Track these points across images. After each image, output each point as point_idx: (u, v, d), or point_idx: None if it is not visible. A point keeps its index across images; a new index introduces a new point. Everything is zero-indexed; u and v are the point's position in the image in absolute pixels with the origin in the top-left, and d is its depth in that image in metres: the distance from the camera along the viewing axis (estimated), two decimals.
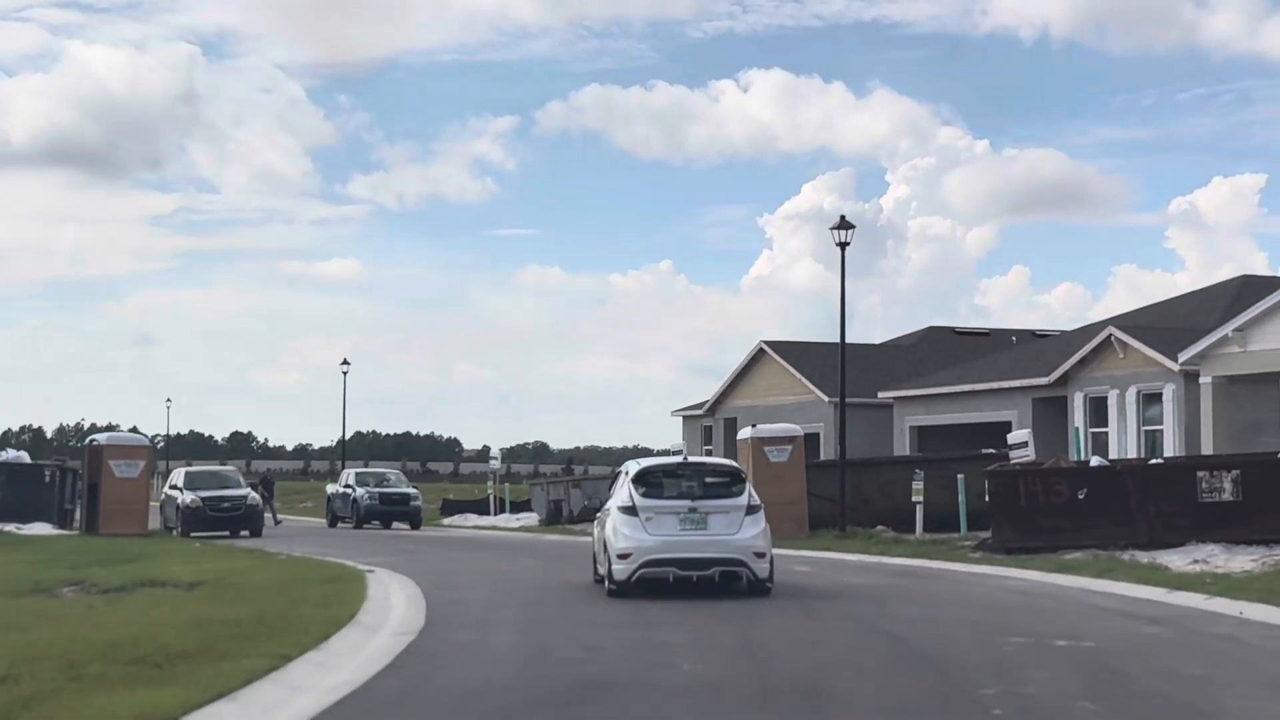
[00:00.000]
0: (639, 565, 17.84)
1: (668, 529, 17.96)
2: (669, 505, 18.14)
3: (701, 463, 20.25)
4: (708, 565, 18.02)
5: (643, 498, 18.21)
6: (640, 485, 18.44)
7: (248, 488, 42.26)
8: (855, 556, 27.94)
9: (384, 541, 36.56)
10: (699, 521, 18.05)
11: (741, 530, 18.19)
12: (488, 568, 24.73)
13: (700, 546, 17.98)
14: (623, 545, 17.96)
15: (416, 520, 48.78)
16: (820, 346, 54.14)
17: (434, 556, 28.77)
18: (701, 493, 18.44)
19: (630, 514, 18.12)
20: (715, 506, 18.22)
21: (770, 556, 18.54)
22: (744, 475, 19.49)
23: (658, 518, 18.00)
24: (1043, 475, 26.85)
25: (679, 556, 17.92)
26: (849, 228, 32.61)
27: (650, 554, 17.85)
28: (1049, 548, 26.03)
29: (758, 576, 18.23)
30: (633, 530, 17.99)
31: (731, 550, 18.05)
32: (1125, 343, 38.11)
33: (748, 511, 18.39)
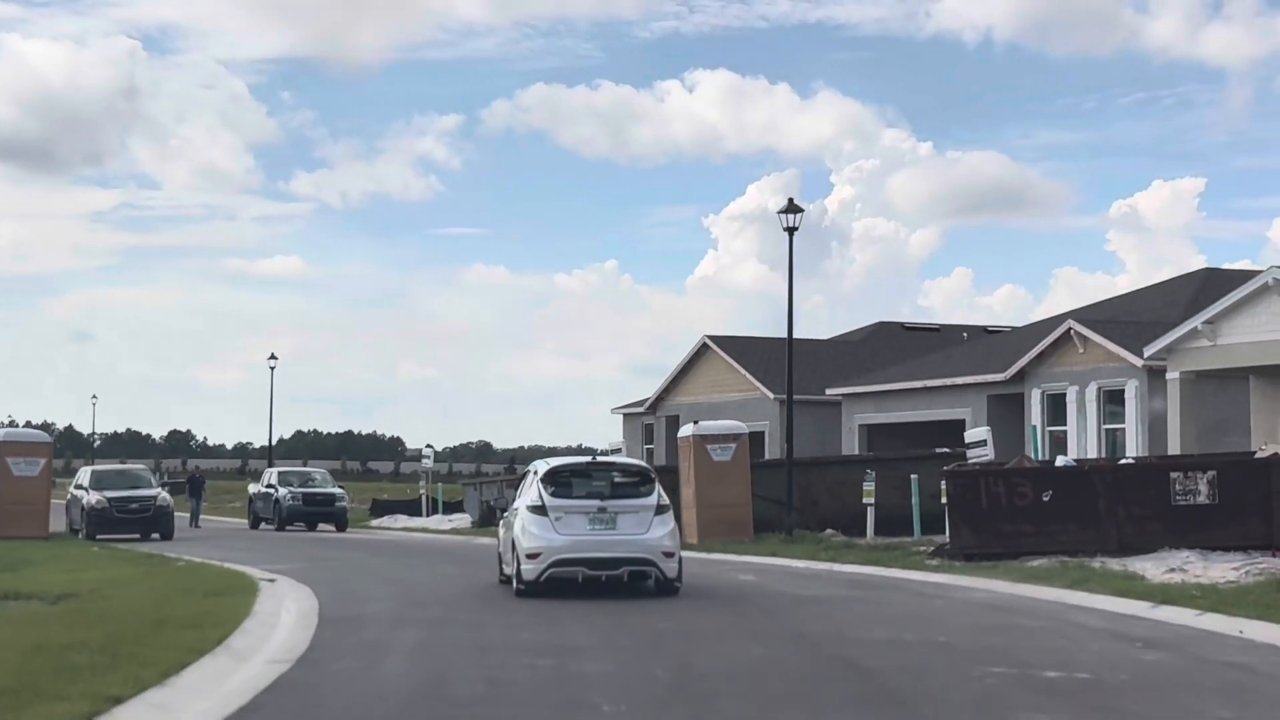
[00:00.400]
0: (548, 565, 17.80)
1: (577, 529, 17.97)
2: (578, 505, 18.15)
3: (611, 462, 19.78)
4: (617, 565, 18.03)
5: (552, 497, 18.16)
6: (549, 485, 18.34)
7: (159, 488, 39.81)
8: (803, 563, 25.95)
9: (301, 545, 34.24)
10: (608, 521, 18.05)
11: (651, 530, 18.16)
12: (400, 576, 22.52)
13: (610, 546, 17.97)
14: (532, 545, 17.90)
15: (342, 522, 46.46)
16: (765, 342, 52.18)
17: (348, 563, 26.53)
18: (611, 492, 18.41)
19: (539, 513, 18.03)
20: (625, 506, 18.21)
21: (679, 556, 18.59)
22: (653, 475, 19.34)
23: (567, 517, 17.99)
24: (1005, 476, 24.92)
25: (588, 556, 17.91)
26: (797, 211, 30.62)
27: (560, 554, 17.81)
28: (1011, 554, 24.14)
29: (666, 576, 18.21)
30: (542, 530, 17.93)
31: (641, 550, 18.04)
32: (1086, 337, 36.32)
33: (657, 511, 18.35)
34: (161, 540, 36.18)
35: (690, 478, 31.79)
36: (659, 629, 14.56)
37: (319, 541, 36.84)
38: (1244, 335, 29.16)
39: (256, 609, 16.06)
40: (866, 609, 16.99)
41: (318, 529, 46.64)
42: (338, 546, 33.61)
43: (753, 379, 49.23)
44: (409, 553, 30.73)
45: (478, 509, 46.91)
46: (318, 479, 48.84)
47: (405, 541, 37.43)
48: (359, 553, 30.39)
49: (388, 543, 37.12)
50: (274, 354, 63.59)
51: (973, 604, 17.65)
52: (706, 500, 31.45)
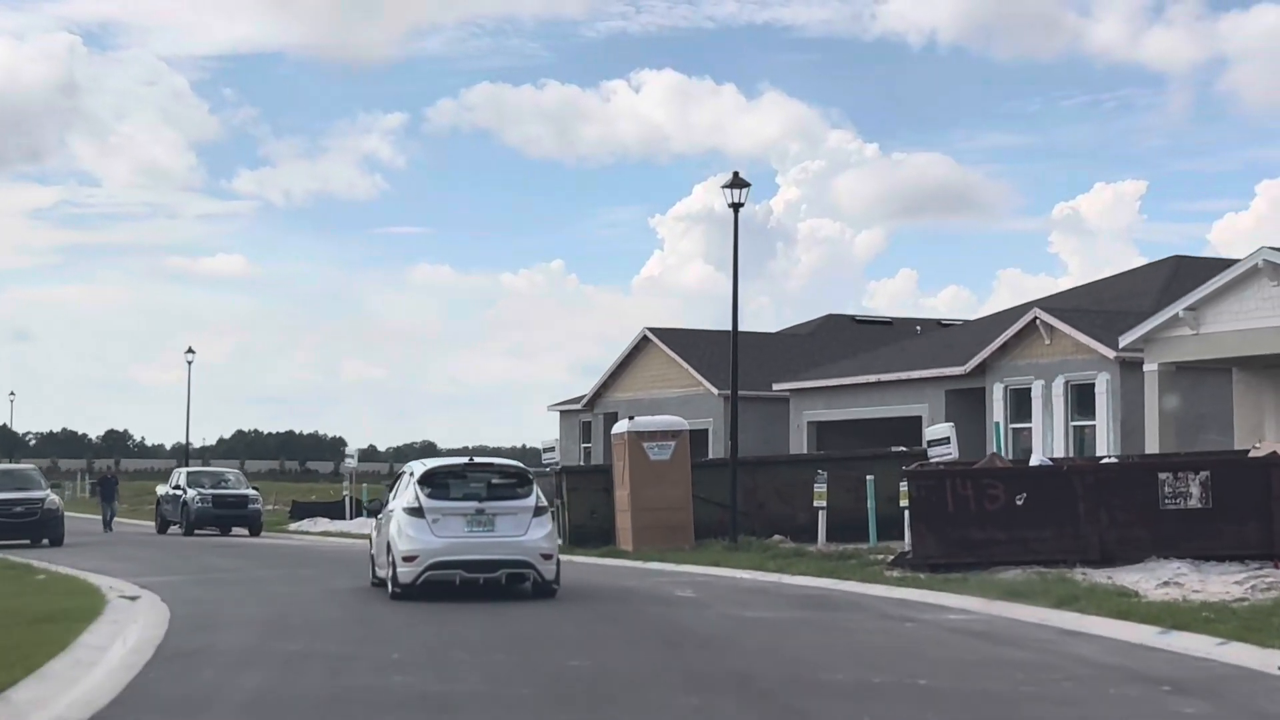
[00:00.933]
0: (425, 568, 17.56)
1: (454, 531, 17.78)
2: (456, 506, 17.95)
3: (489, 463, 19.45)
4: (495, 567, 17.82)
5: (429, 499, 17.92)
6: (426, 486, 18.10)
7: (49, 490, 36.63)
8: (749, 574, 23.20)
9: (198, 553, 31.18)
10: (486, 523, 17.90)
11: (529, 532, 18.01)
12: (284, 591, 19.52)
13: (488, 548, 17.80)
14: (408, 547, 17.63)
15: (256, 526, 43.34)
16: (709, 334, 49.46)
17: (237, 574, 23.55)
18: (489, 494, 18.21)
19: (416, 515, 17.79)
20: (503, 508, 18.02)
21: (557, 558, 18.49)
22: (531, 476, 19.12)
23: (444, 519, 17.80)
24: (974, 477, 22.26)
25: (466, 559, 17.71)
26: (743, 186, 27.86)
27: (437, 556, 17.60)
28: (981, 564, 21.49)
29: (544, 578, 18.10)
30: (419, 532, 17.69)
31: (519, 552, 17.87)
32: (1053, 327, 33.76)
33: (535, 513, 18.20)
34: (51, 546, 33.20)
35: (625, 479, 28.99)
36: (571, 671, 11.73)
37: (220, 548, 33.75)
38: (1230, 323, 26.65)
39: (83, 640, 13.14)
40: (824, 637, 14.21)
41: (231, 533, 43.64)
42: (238, 554, 30.56)
43: (695, 373, 46.47)
44: (310, 561, 27.72)
45: None
46: (231, 480, 45.68)
47: (315, 548, 34.38)
48: (256, 562, 27.37)
49: (295, 549, 34.09)
50: (191, 348, 60.16)
51: (948, 629, 14.92)
52: (643, 503, 28.66)
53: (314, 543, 38.43)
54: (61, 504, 36.39)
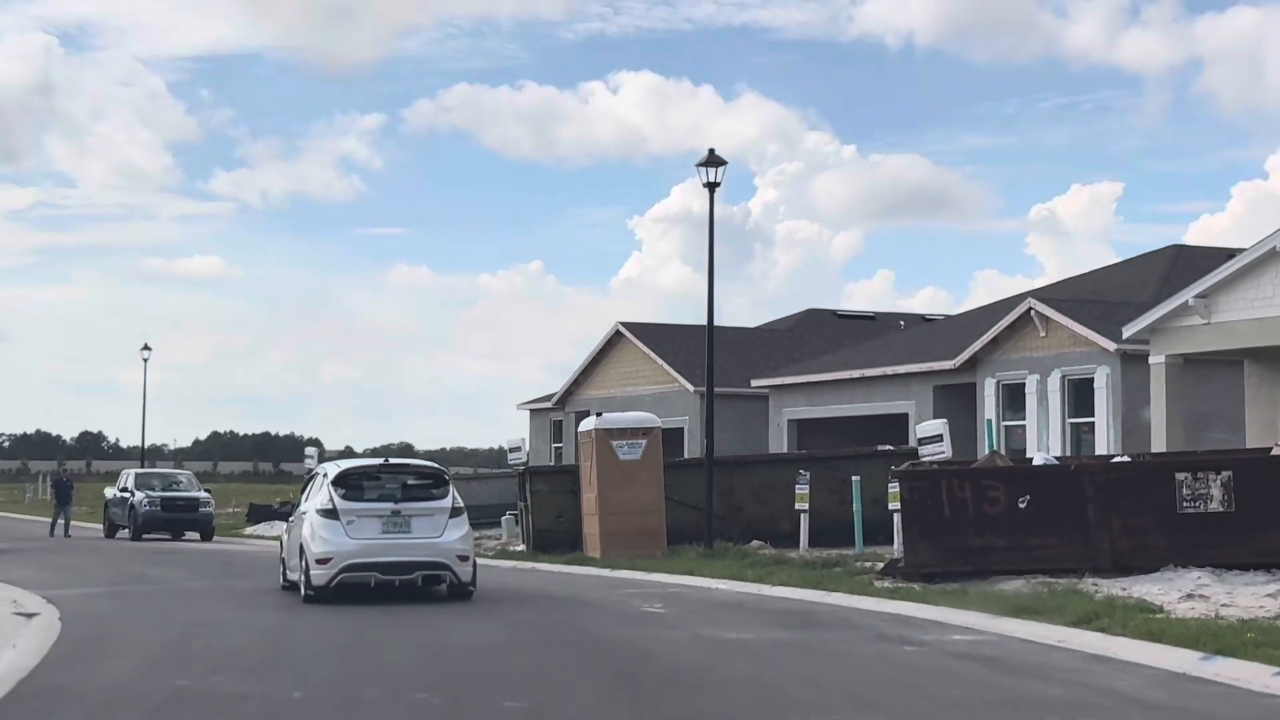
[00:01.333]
0: (339, 570, 17.34)
1: (369, 532, 17.58)
2: (371, 508, 17.76)
3: (404, 464, 19.40)
4: (411, 569, 17.66)
5: (343, 500, 17.71)
6: (340, 487, 17.85)
7: None
8: (726, 584, 21.17)
9: (134, 559, 29.00)
10: (402, 524, 17.75)
11: (445, 533, 17.90)
12: (200, 608, 17.29)
13: (404, 550, 17.65)
14: (322, 549, 17.41)
15: (207, 530, 41.19)
16: (684, 329, 47.36)
17: (163, 586, 21.42)
18: (404, 495, 18.05)
19: (330, 517, 17.57)
20: (418, 509, 17.88)
21: (473, 560, 18.38)
22: (448, 477, 19.00)
23: (359, 520, 17.61)
24: (973, 477, 20.26)
25: (382, 560, 17.53)
26: (719, 164, 25.79)
27: (351, 558, 17.40)
28: (980, 573, 19.56)
29: (460, 580, 18.00)
30: (333, 534, 17.47)
31: (435, 554, 17.74)
32: (1048, 318, 31.76)
33: (451, 514, 18.09)
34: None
35: (592, 480, 26.90)
36: (506, 717, 9.65)
37: (161, 555, 31.55)
38: (1245, 311, 24.68)
39: None
40: (813, 666, 12.14)
41: (184, 537, 41.45)
42: (176, 561, 28.38)
43: (670, 369, 44.39)
44: (247, 569, 25.51)
45: None
46: (182, 482, 43.47)
47: (261, 554, 32.12)
48: (190, 571, 25.22)
49: (239, 556, 31.93)
50: (148, 345, 57.77)
51: (955, 654, 12.87)
52: (611, 506, 26.58)
53: (264, 548, 36.24)
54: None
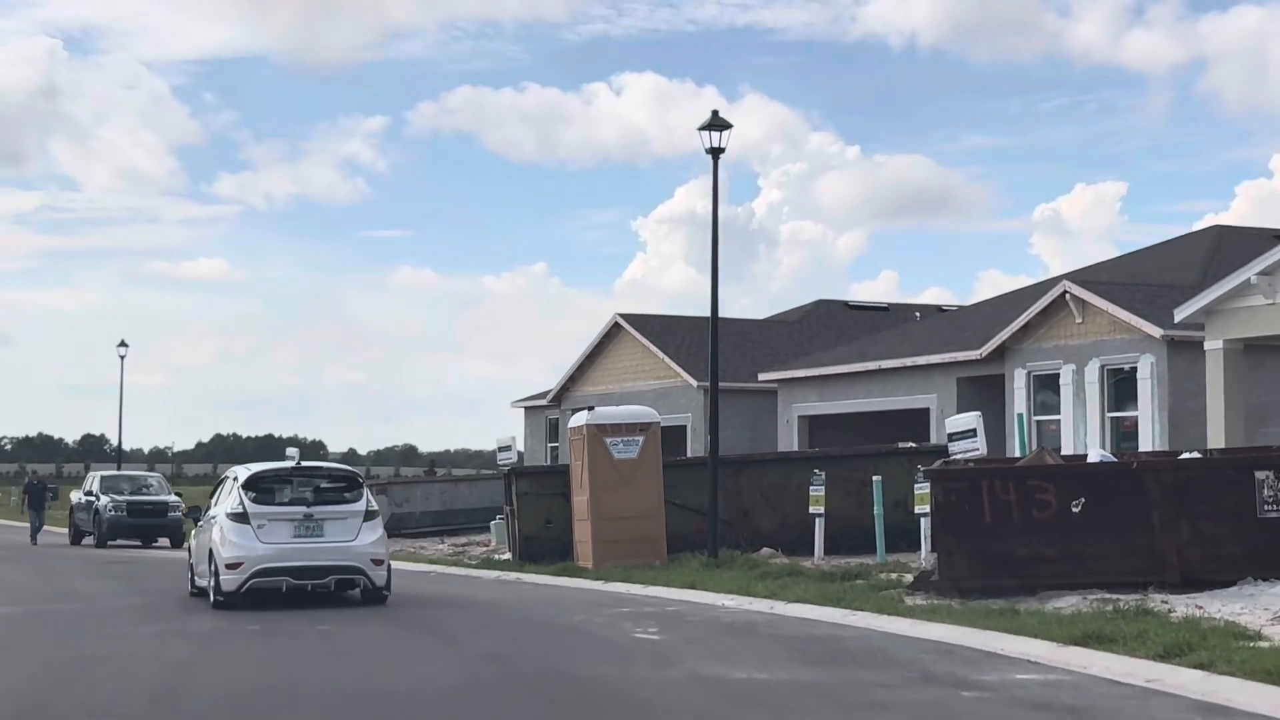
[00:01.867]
0: (250, 575, 17.12)
1: (281, 536, 17.38)
2: (283, 512, 17.58)
3: (317, 467, 19.27)
4: (324, 574, 17.48)
5: (254, 504, 17.51)
6: (251, 491, 17.65)
7: None
8: (733, 600, 18.46)
9: (81, 569, 26.30)
10: (314, 528, 17.55)
11: (359, 537, 17.66)
12: (111, 635, 14.57)
13: (316, 554, 17.43)
14: (232, 554, 17.18)
15: (177, 535, 38.42)
16: (686, 321, 44.63)
17: (83, 606, 18.71)
18: (317, 499, 17.88)
19: (240, 521, 17.35)
20: (331, 513, 17.68)
21: (388, 564, 18.17)
22: (361, 480, 18.68)
23: (270, 525, 17.39)
24: (1019, 478, 17.53)
25: (293, 565, 17.31)
26: (723, 127, 23.03)
27: (262, 563, 17.18)
28: (1026, 588, 16.95)
29: (375, 584, 17.80)
30: (243, 538, 17.25)
31: (349, 558, 17.54)
32: (1085, 302, 28.96)
33: (365, 518, 17.84)
34: None
35: (584, 481, 24.17)
36: None
37: (113, 565, 28.79)
38: None
39: None
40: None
41: (156, 544, 38.81)
42: (121, 573, 25.63)
43: (672, 363, 41.61)
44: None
45: None
46: (152, 485, 40.70)
47: None
48: (130, 584, 22.51)
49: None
50: (124, 341, 55.07)
51: (1030, 704, 10.10)
52: (605, 511, 23.85)
53: None
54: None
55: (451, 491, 39.50)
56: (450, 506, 38.97)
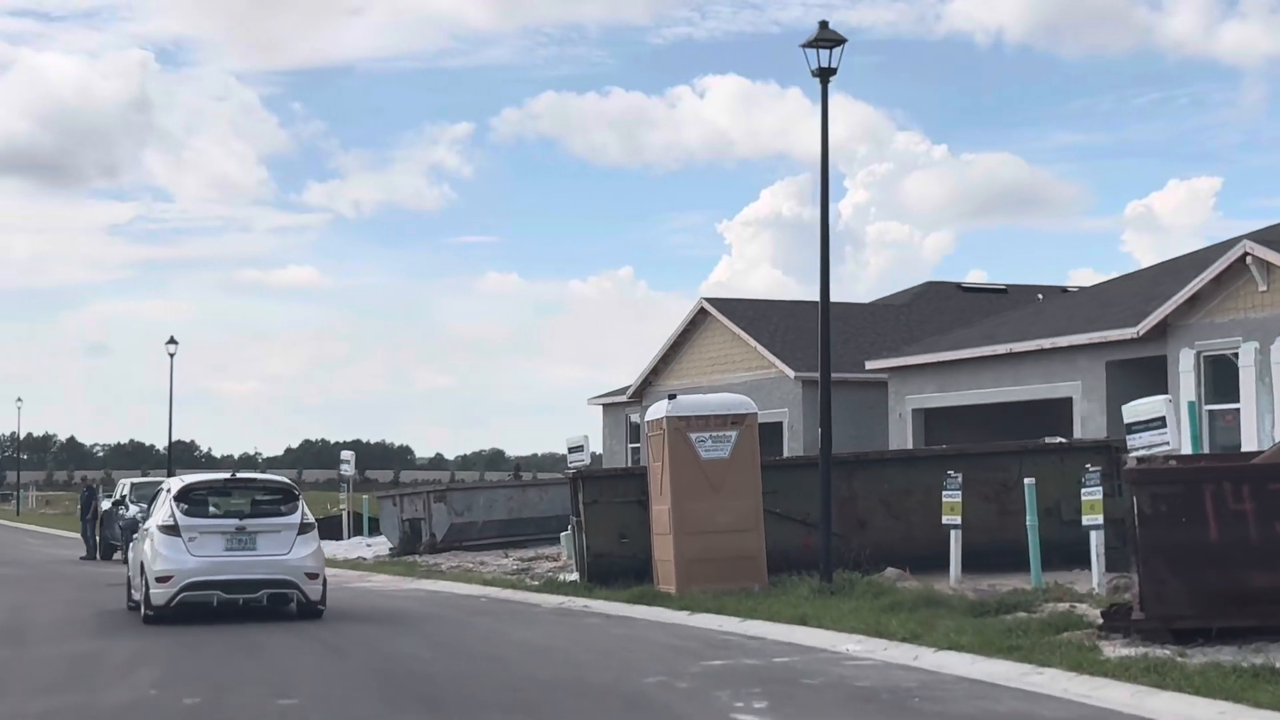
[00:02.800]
0: (180, 589, 16.95)
1: (213, 549, 17.21)
2: (215, 524, 17.40)
3: (251, 479, 18.81)
4: (256, 587, 17.27)
5: (185, 516, 17.33)
6: (183, 502, 17.50)
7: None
8: (859, 643, 13.89)
9: (66, 589, 22.13)
10: (247, 542, 17.39)
11: (293, 550, 17.44)
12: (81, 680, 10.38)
13: (248, 568, 17.26)
14: (162, 567, 17.05)
15: None
16: (780, 306, 40.00)
17: (11, 615, 14.43)
18: (251, 511, 17.68)
19: (171, 533, 17.19)
20: (265, 525, 17.49)
21: (323, 577, 17.86)
22: (297, 493, 18.37)
23: (202, 537, 17.22)
24: (1258, 479, 12.82)
25: (225, 579, 17.13)
26: (835, 43, 18.38)
27: (193, 576, 17.01)
28: (1267, 630, 12.26)
29: (309, 599, 17.49)
30: (173, 551, 17.09)
31: (282, 571, 17.31)
32: (1272, 266, 23.96)
33: (300, 530, 17.62)
34: None
35: (664, 487, 19.60)
36: None
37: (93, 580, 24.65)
38: None
39: None
40: None
41: None
42: (51, 590, 21.43)
43: (766, 352, 36.92)
44: (219, 612, 18.54)
45: (397, 530, 34.78)
46: None
47: None
48: (87, 600, 18.30)
49: None
50: (173, 337, 51.37)
51: None
52: (690, 523, 19.26)
53: None
54: None
55: (519, 498, 35.06)
56: (517, 515, 34.56)
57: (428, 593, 23.58)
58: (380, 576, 27.52)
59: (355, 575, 28.51)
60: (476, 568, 28.45)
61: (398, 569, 28.57)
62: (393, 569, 28.76)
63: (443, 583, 25.11)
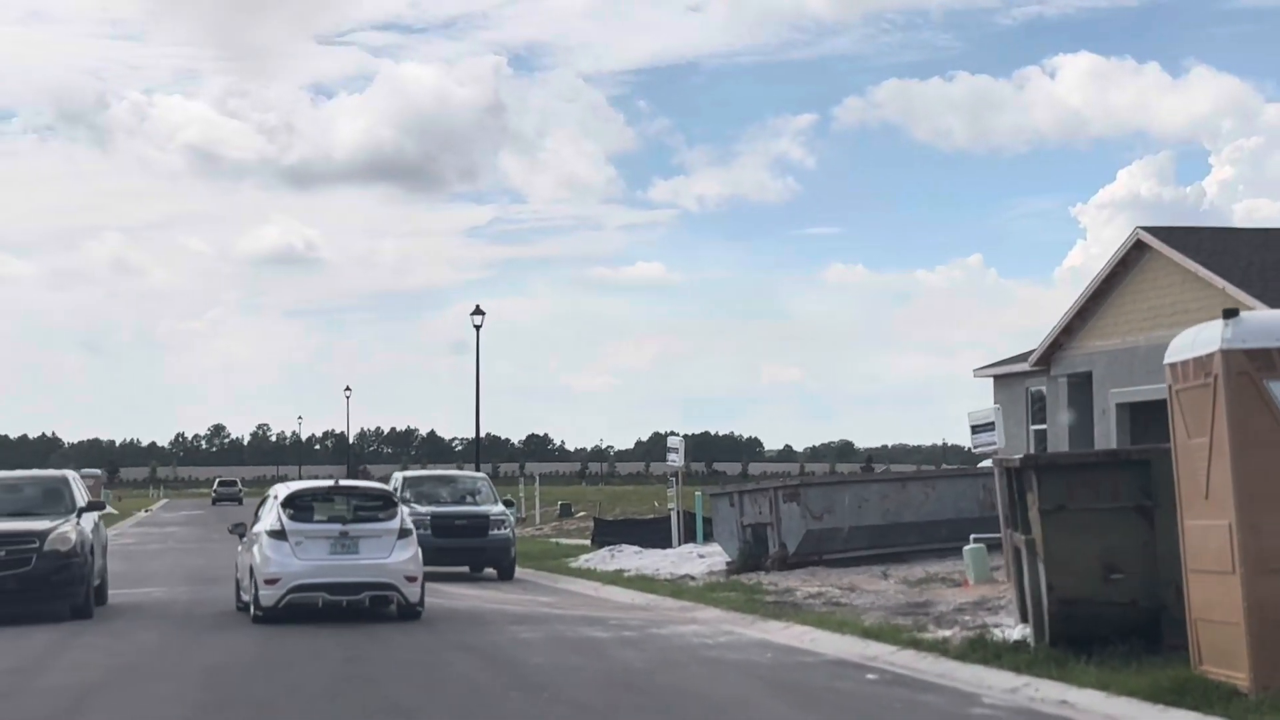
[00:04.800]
0: (287, 590, 17.67)
1: (317, 553, 17.92)
2: (319, 529, 18.14)
3: (353, 486, 20.01)
4: (358, 590, 17.94)
5: (291, 521, 18.15)
6: (289, 508, 18.33)
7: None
8: None
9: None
10: (350, 546, 18.07)
11: (393, 554, 18.08)
12: None
13: (351, 571, 17.92)
14: (270, 570, 17.79)
15: (505, 562, 26.93)
16: (1248, 235, 29.72)
17: None
18: (353, 516, 18.41)
19: (278, 538, 17.97)
20: (367, 530, 18.19)
21: (421, 580, 18.33)
22: (396, 499, 19.31)
23: (307, 542, 17.97)
24: None
25: (329, 581, 17.82)
26: None
27: (299, 579, 17.72)
28: None
29: (409, 601, 18.09)
30: (280, 555, 17.85)
31: (383, 575, 17.96)
32: None
33: (399, 535, 18.28)
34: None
35: (1210, 483, 10.34)
36: None
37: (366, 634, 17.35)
38: None
39: None
40: None
41: (483, 572, 27.58)
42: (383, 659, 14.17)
43: (1242, 294, 26.68)
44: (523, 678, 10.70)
45: (735, 538, 26.32)
46: (481, 491, 29.00)
47: (534, 641, 16.87)
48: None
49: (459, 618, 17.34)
50: (479, 307, 44.61)
51: None
52: (1277, 554, 9.97)
53: (551, 609, 21.09)
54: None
55: (897, 496, 26.05)
56: (895, 519, 25.64)
57: (780, 650, 15.12)
58: (708, 613, 19.12)
59: (676, 609, 20.20)
60: (845, 597, 19.80)
61: (735, 599, 20.07)
62: (727, 598, 20.27)
63: (801, 628, 16.56)
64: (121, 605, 21.00)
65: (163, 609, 20.88)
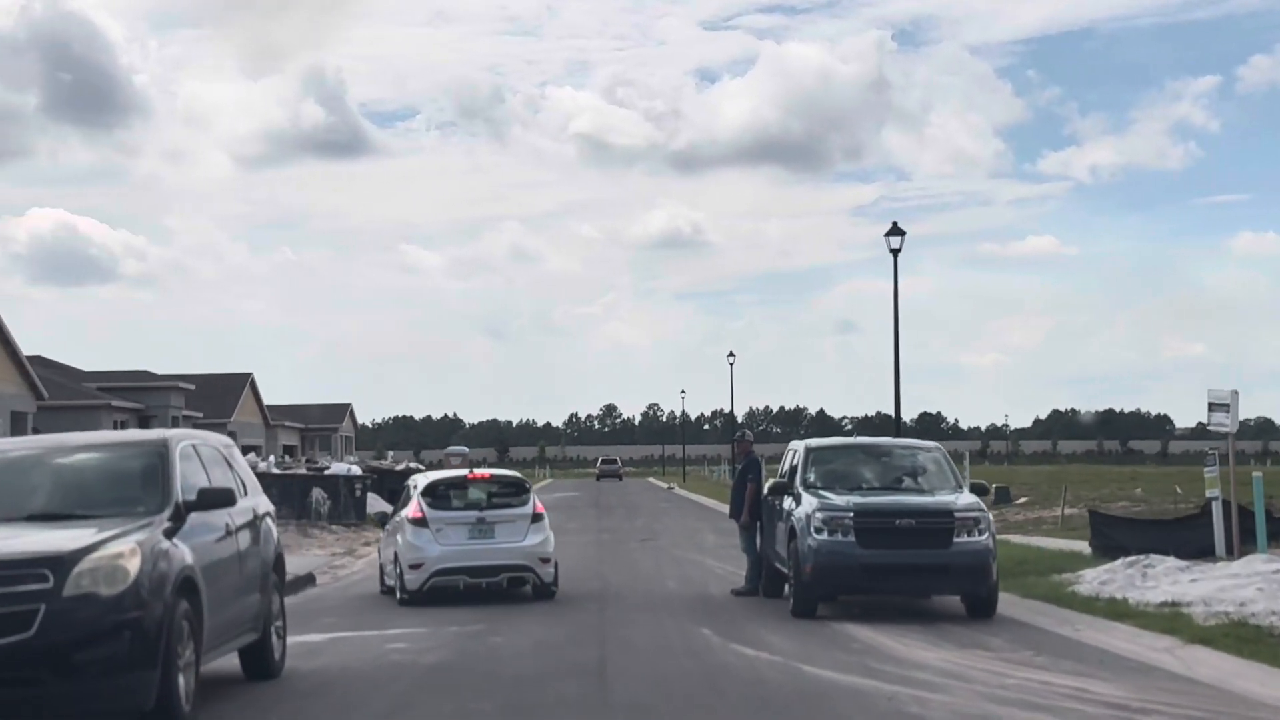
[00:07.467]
0: (431, 574, 18.57)
1: (457, 538, 18.78)
2: (457, 516, 19.02)
3: (488, 474, 20.28)
4: (496, 572, 18.78)
5: (431, 509, 18.98)
6: (429, 497, 19.19)
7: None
8: None
9: None
10: (487, 530, 18.89)
11: (527, 538, 18.93)
12: None
13: (489, 554, 18.76)
14: (414, 556, 18.69)
15: (981, 590, 16.24)
16: None
17: None
18: (488, 503, 19.24)
19: (420, 525, 18.82)
20: (501, 516, 19.02)
21: (555, 562, 19.20)
22: (528, 485, 20.12)
23: (447, 528, 18.83)
24: None
25: (469, 564, 18.67)
26: None
27: (441, 563, 18.60)
28: None
29: (543, 581, 18.93)
30: (423, 541, 18.73)
31: (518, 557, 18.79)
32: None
33: (532, 520, 19.10)
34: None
35: None
36: None
37: None
38: None
39: None
40: None
41: (928, 599, 16.74)
42: None
43: None
44: None
45: None
46: (920, 468, 17.91)
47: None
48: None
49: None
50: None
51: None
52: None
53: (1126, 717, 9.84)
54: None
55: None
56: None
57: None
58: None
59: None
60: None
61: None
62: None
63: None
64: None
65: None
